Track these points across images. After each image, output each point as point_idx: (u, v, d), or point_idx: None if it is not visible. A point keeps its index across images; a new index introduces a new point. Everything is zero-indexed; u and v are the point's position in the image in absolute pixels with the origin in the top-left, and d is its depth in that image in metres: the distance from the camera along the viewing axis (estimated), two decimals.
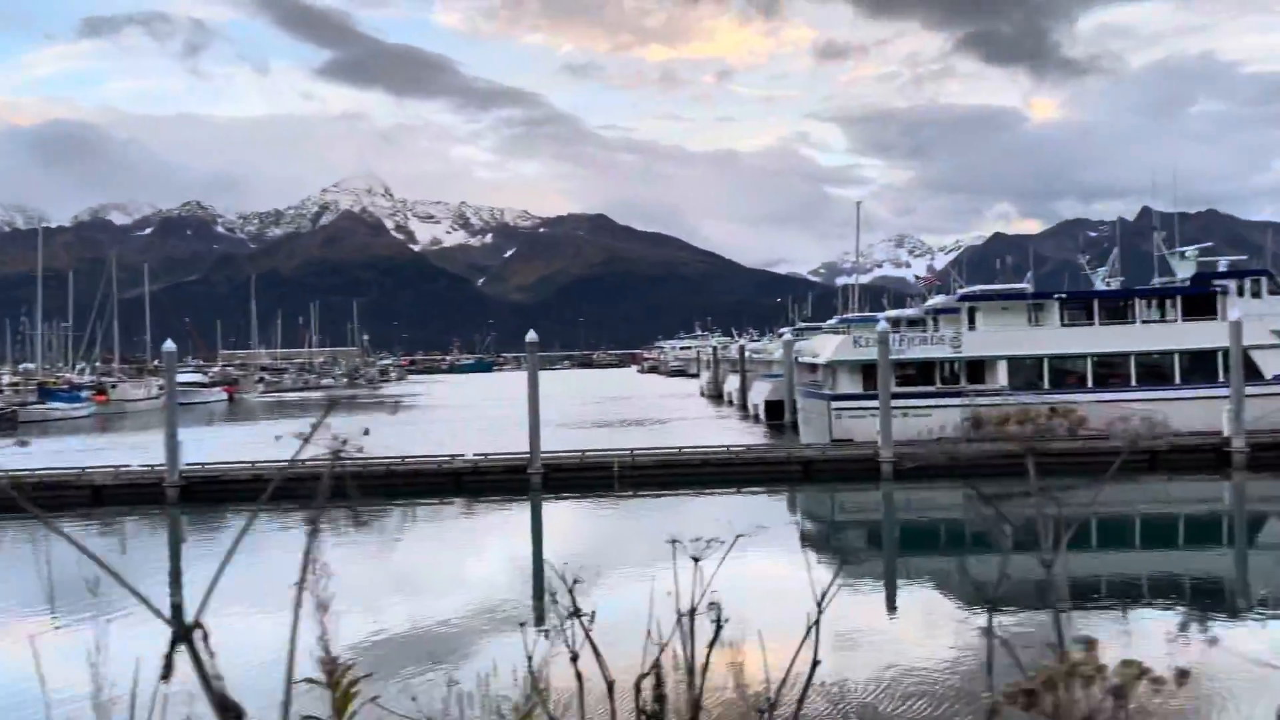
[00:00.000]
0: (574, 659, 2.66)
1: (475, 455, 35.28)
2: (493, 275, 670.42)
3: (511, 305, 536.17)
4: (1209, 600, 21.66)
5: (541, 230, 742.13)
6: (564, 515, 33.04)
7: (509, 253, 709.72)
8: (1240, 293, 39.24)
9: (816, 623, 2.50)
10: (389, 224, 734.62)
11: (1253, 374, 37.26)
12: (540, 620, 15.67)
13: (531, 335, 34.89)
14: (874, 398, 36.69)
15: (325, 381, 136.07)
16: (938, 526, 31.28)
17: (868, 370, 38.58)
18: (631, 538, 27.29)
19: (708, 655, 2.68)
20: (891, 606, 21.00)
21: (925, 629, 18.71)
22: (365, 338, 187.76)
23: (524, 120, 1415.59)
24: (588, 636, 2.65)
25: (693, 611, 2.61)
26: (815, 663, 2.50)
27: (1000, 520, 2.02)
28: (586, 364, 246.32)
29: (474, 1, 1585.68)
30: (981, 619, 19.44)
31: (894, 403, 36.75)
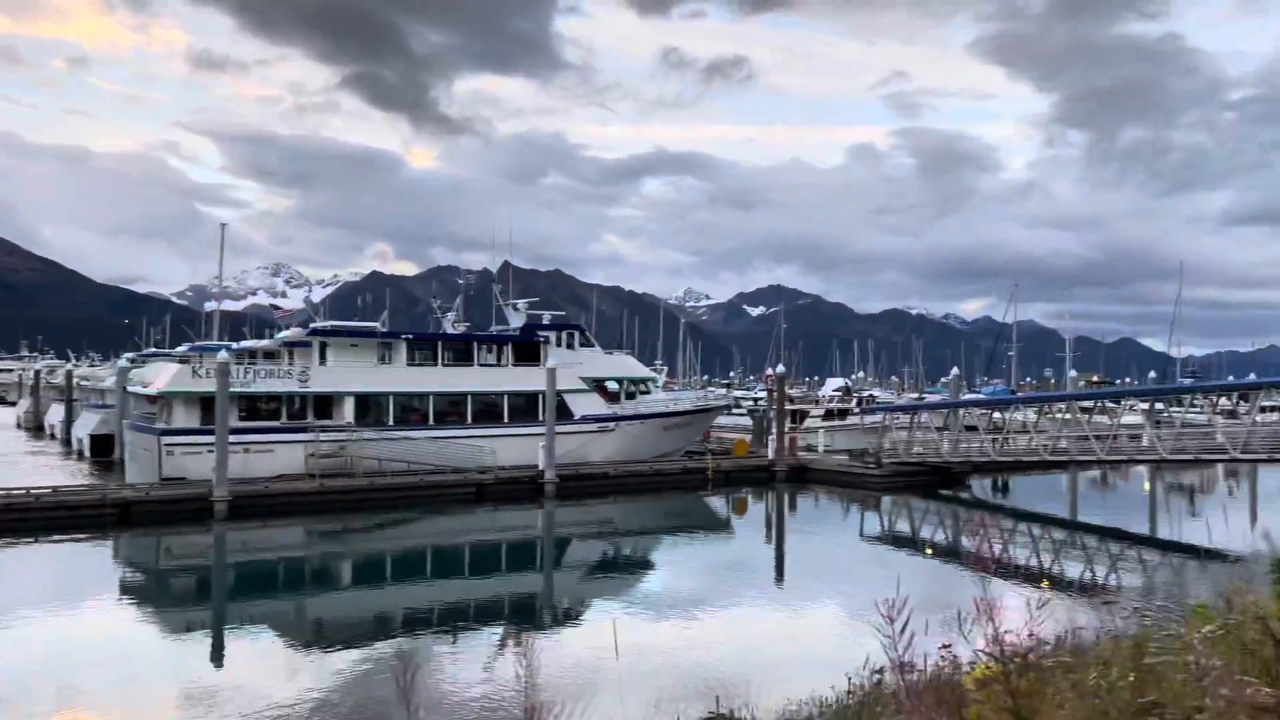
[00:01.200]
0: None
1: None
2: None
3: None
4: (526, 616, 23.61)
5: None
6: None
7: None
8: (559, 343, 44.99)
9: None
10: None
11: (566, 414, 42.82)
12: None
13: None
14: (211, 432, 34.24)
15: None
16: (276, 567, 30.04)
17: (208, 403, 35.92)
18: None
19: None
20: (218, 657, 19.41)
21: (252, 676, 17.47)
22: None
23: None
24: None
25: None
26: None
27: None
28: None
29: None
30: (319, 659, 18.83)
31: (235, 439, 34.71)
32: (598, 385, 45.35)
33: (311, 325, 44.23)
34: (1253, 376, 68.08)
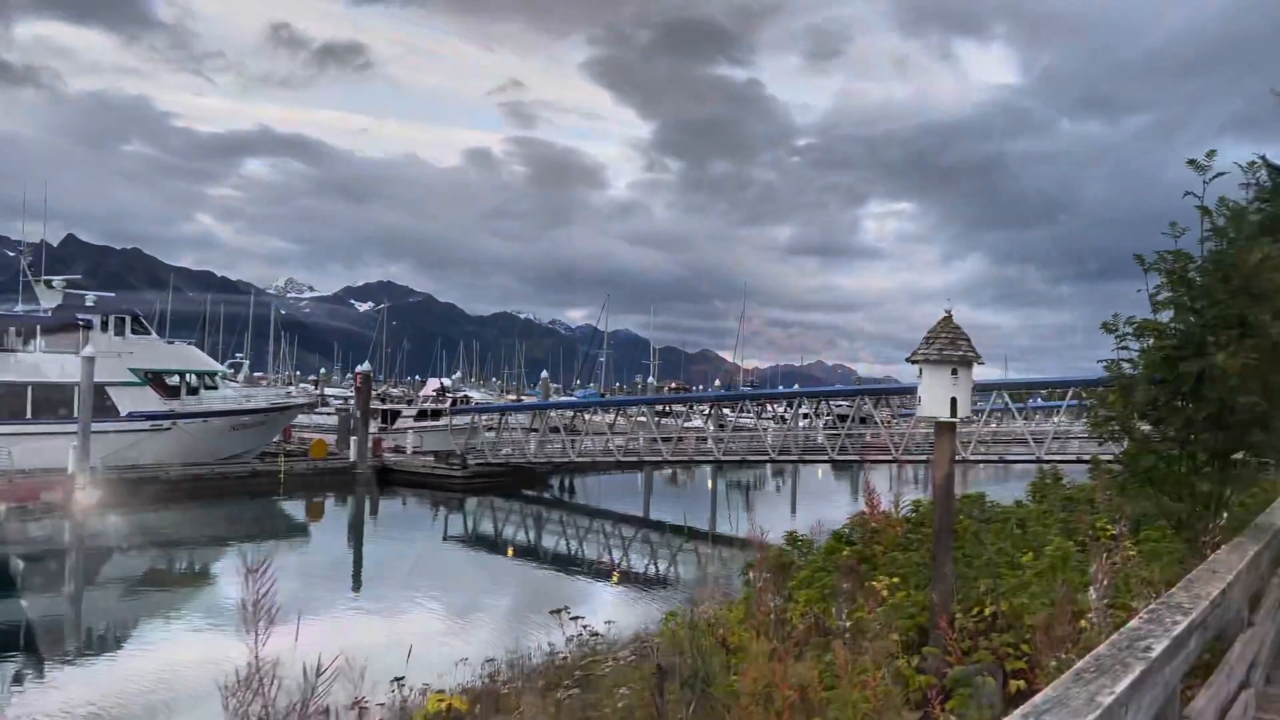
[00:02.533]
0: None
1: None
2: None
3: None
4: (50, 644, 20.59)
5: None
6: None
7: None
8: (105, 329, 39.21)
9: None
10: None
11: (109, 410, 37.40)
12: None
13: None
14: None
15: None
16: None
17: None
18: None
19: None
20: None
21: None
22: None
23: None
24: None
25: None
26: None
27: None
28: None
29: None
30: None
31: None
32: (154, 379, 40.25)
33: None
34: (797, 387, 77.74)
